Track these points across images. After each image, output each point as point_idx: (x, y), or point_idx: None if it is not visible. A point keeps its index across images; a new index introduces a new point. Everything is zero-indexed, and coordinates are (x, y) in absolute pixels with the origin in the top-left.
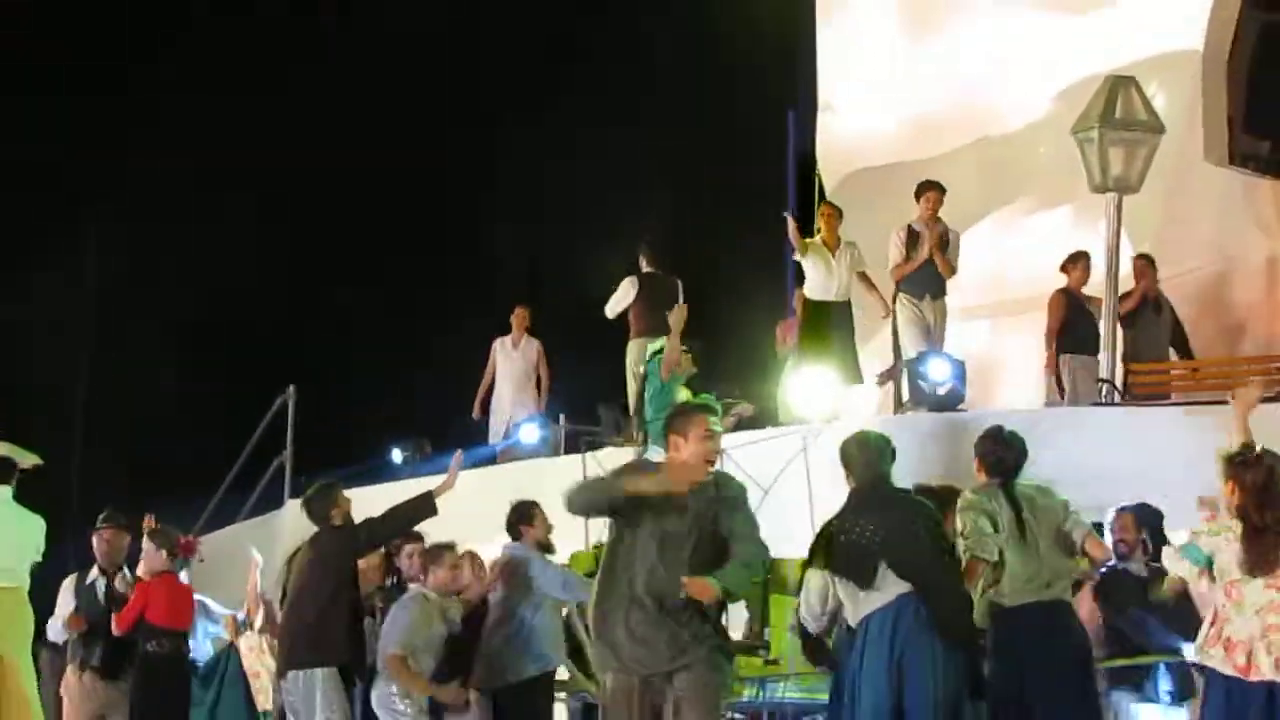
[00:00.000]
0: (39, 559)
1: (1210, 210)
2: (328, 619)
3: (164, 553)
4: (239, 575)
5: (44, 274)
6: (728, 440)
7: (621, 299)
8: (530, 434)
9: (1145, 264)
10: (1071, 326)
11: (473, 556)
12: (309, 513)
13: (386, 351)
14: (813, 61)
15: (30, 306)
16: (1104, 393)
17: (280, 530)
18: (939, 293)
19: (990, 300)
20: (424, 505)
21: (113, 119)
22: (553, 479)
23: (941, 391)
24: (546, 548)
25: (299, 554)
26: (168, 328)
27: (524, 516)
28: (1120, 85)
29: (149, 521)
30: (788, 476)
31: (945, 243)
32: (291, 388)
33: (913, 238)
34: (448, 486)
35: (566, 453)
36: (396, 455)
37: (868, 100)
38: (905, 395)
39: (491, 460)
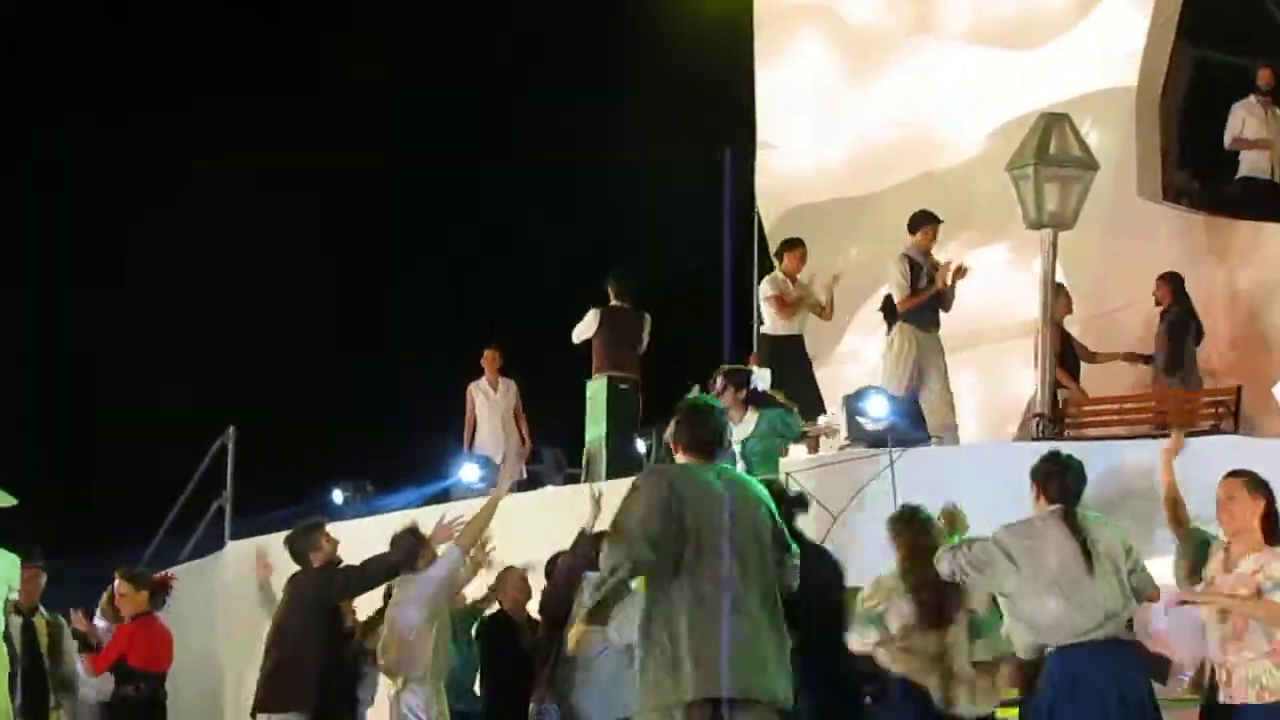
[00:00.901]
0: (14, 596)
1: (1145, 246)
2: (299, 663)
3: (145, 593)
4: (178, 616)
5: None
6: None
7: (584, 329)
8: (471, 473)
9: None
10: (1060, 359)
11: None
12: (290, 552)
13: (327, 392)
14: (751, 100)
15: None
16: (1037, 427)
17: (221, 572)
18: (937, 325)
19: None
20: (409, 548)
21: None
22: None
23: (879, 428)
24: None
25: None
26: (102, 363)
27: None
28: (1054, 122)
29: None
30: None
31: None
32: (231, 428)
33: (914, 269)
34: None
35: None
36: (338, 496)
37: (806, 137)
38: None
39: (437, 498)
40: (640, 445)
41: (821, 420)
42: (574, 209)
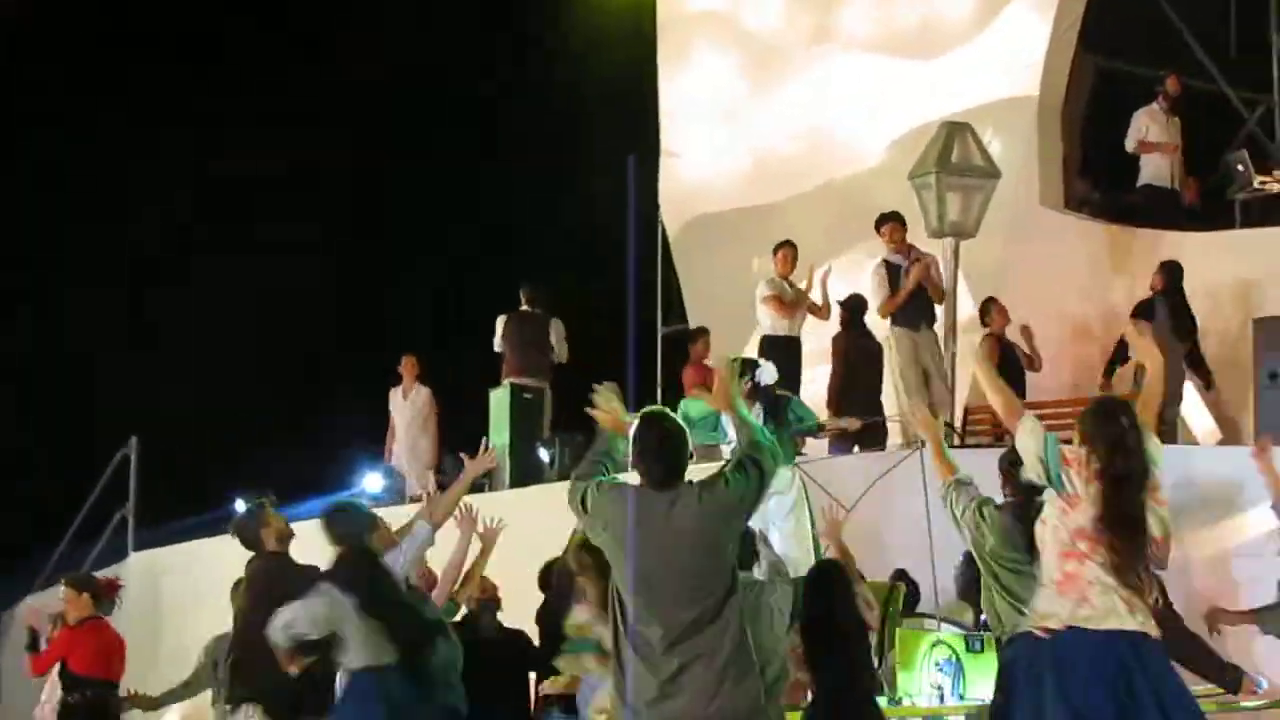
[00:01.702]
0: None
1: (1047, 254)
2: (259, 652)
3: (86, 596)
4: None
5: None
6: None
7: (498, 338)
8: (374, 483)
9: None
10: (1000, 368)
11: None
12: (241, 540)
13: (230, 402)
14: (656, 108)
15: None
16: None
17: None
18: (931, 321)
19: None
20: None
21: None
22: None
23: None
24: None
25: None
26: (4, 375)
27: None
28: (956, 131)
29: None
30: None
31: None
32: (134, 439)
33: (892, 271)
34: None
35: None
36: (240, 506)
37: (711, 146)
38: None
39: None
40: (543, 453)
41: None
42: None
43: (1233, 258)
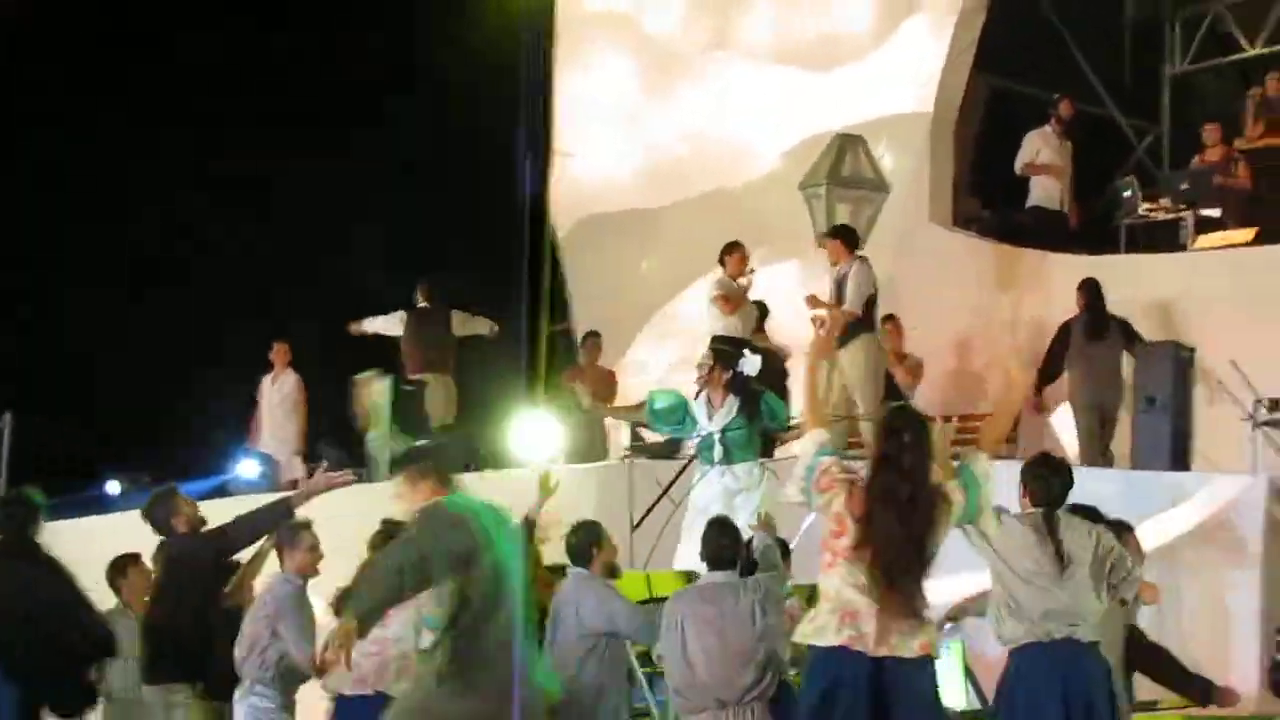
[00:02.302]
0: None
1: (935, 270)
2: (177, 633)
3: None
4: None
5: None
6: None
7: (380, 325)
8: (249, 469)
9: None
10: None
11: None
12: (151, 523)
13: (106, 380)
14: (550, 108)
15: None
16: None
17: None
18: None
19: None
20: (279, 511)
21: None
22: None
23: (661, 439)
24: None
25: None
26: None
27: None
28: (848, 144)
29: None
30: None
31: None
32: (7, 415)
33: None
34: (308, 494)
35: None
36: (114, 486)
37: (605, 147)
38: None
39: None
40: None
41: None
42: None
43: (1116, 282)
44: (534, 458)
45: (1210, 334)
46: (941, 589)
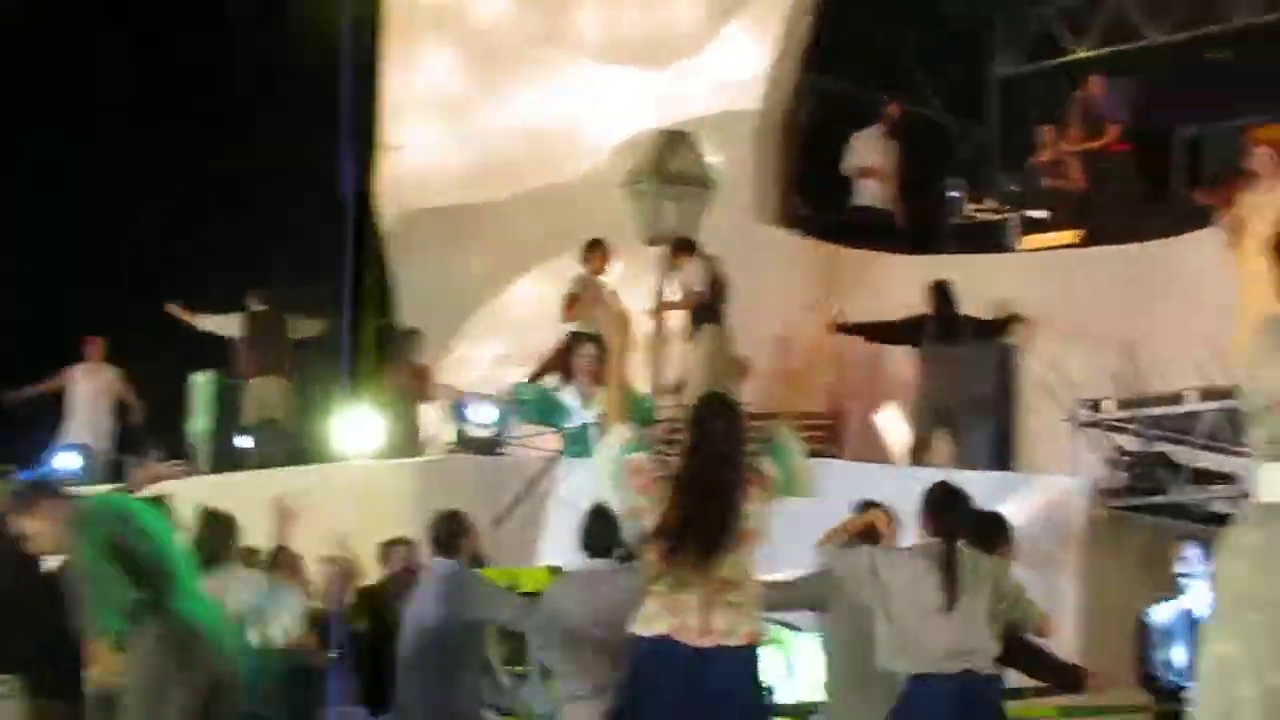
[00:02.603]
0: None
1: (761, 269)
2: (16, 622)
3: None
4: None
5: None
6: None
7: (217, 325)
8: (68, 460)
9: None
10: None
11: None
12: None
13: None
14: (376, 101)
15: None
16: None
17: None
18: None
19: (540, 346)
20: None
21: None
22: None
23: (486, 434)
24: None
25: None
26: None
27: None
28: (675, 140)
29: None
30: None
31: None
32: None
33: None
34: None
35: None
36: None
37: (433, 141)
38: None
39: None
40: (248, 440)
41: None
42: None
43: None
44: (354, 451)
45: (1035, 334)
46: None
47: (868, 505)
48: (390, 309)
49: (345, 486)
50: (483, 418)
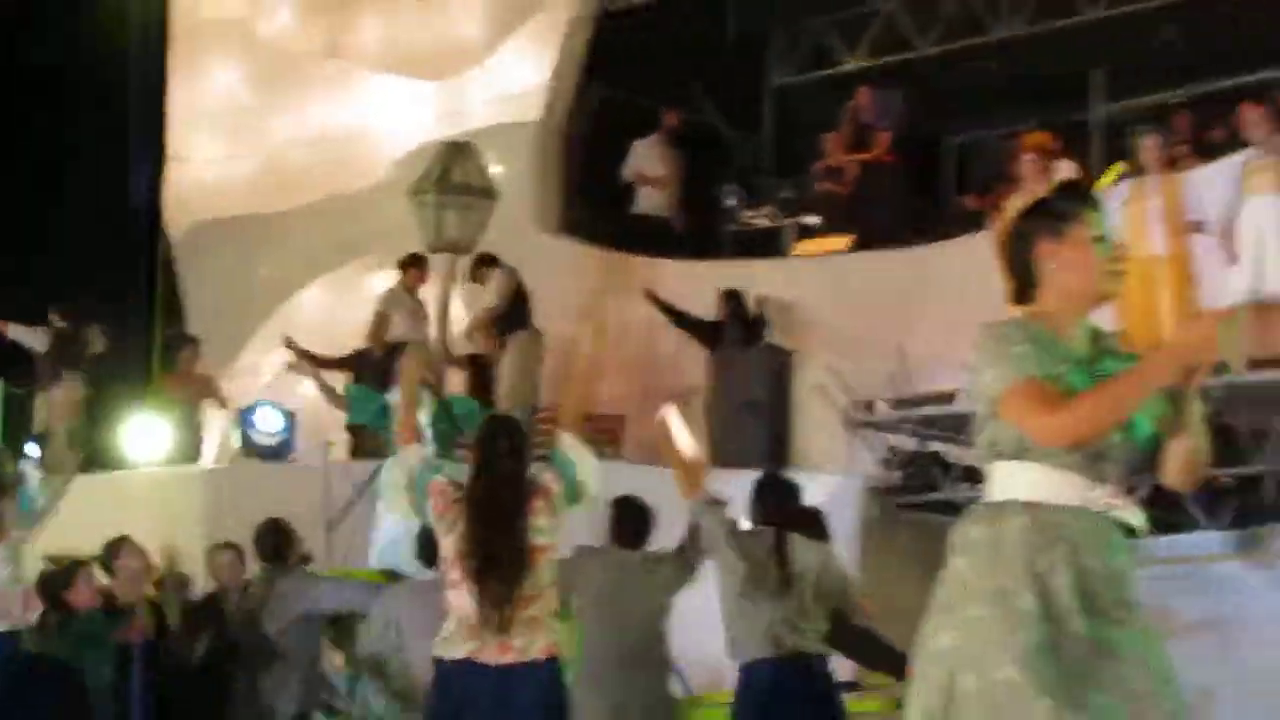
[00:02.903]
0: None
1: (545, 276)
2: None
3: None
4: None
5: None
6: None
7: (22, 335)
8: None
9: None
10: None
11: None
12: None
13: None
14: (164, 113)
15: None
16: None
17: None
18: None
19: (324, 351)
20: None
21: None
22: None
23: (271, 442)
24: None
25: None
26: None
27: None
28: (457, 151)
29: None
30: None
31: None
32: None
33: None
34: None
35: None
36: None
37: (220, 152)
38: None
39: None
40: (34, 450)
41: None
42: None
43: (720, 285)
44: (144, 458)
45: (809, 337)
46: None
47: None
48: (180, 318)
49: (133, 495)
50: (269, 425)
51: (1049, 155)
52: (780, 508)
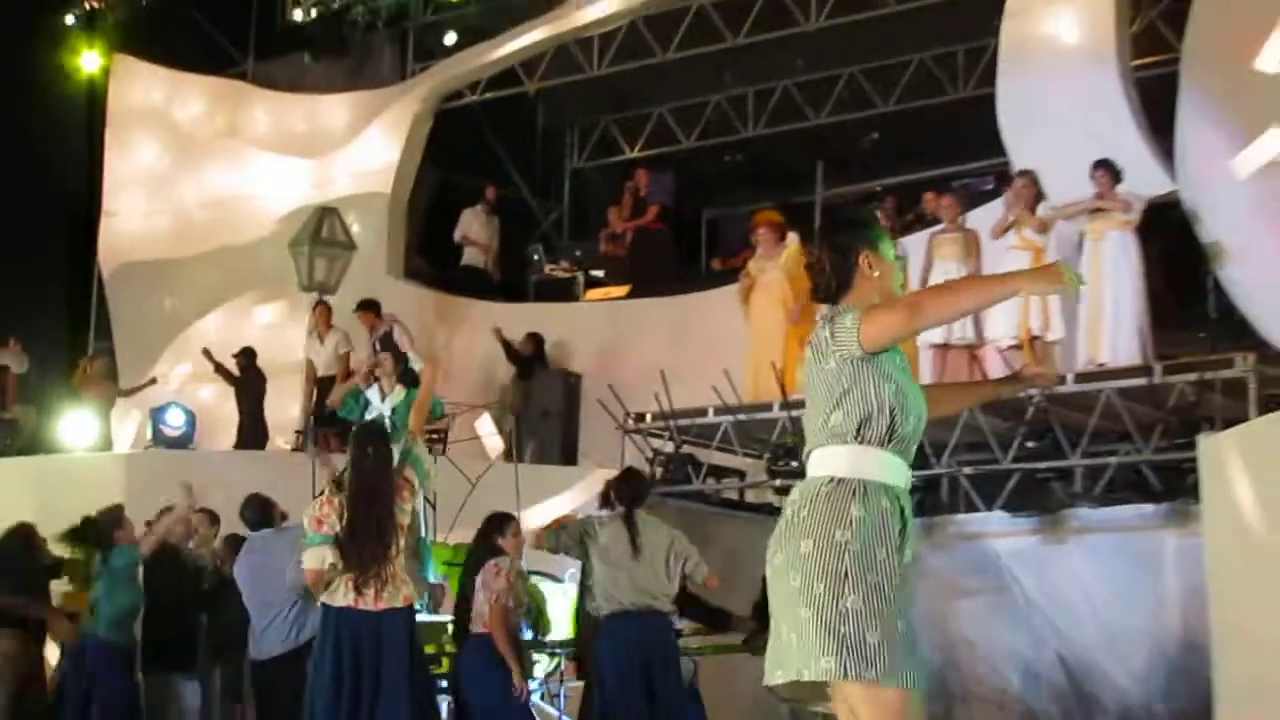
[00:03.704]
0: None
1: (393, 311)
2: None
3: None
4: None
5: None
6: None
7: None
8: None
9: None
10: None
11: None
12: None
13: None
14: (100, 177)
15: None
16: (300, 441)
17: None
18: None
19: (207, 369)
20: None
21: None
22: None
23: (176, 435)
24: None
25: None
26: None
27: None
28: (326, 214)
29: None
30: None
31: None
32: None
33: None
34: None
35: None
36: None
37: (142, 209)
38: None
39: None
40: None
41: None
42: None
43: (526, 325)
44: (78, 444)
45: (594, 364)
46: None
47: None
48: (109, 336)
49: (63, 474)
50: (174, 421)
51: (780, 228)
52: (631, 494)
